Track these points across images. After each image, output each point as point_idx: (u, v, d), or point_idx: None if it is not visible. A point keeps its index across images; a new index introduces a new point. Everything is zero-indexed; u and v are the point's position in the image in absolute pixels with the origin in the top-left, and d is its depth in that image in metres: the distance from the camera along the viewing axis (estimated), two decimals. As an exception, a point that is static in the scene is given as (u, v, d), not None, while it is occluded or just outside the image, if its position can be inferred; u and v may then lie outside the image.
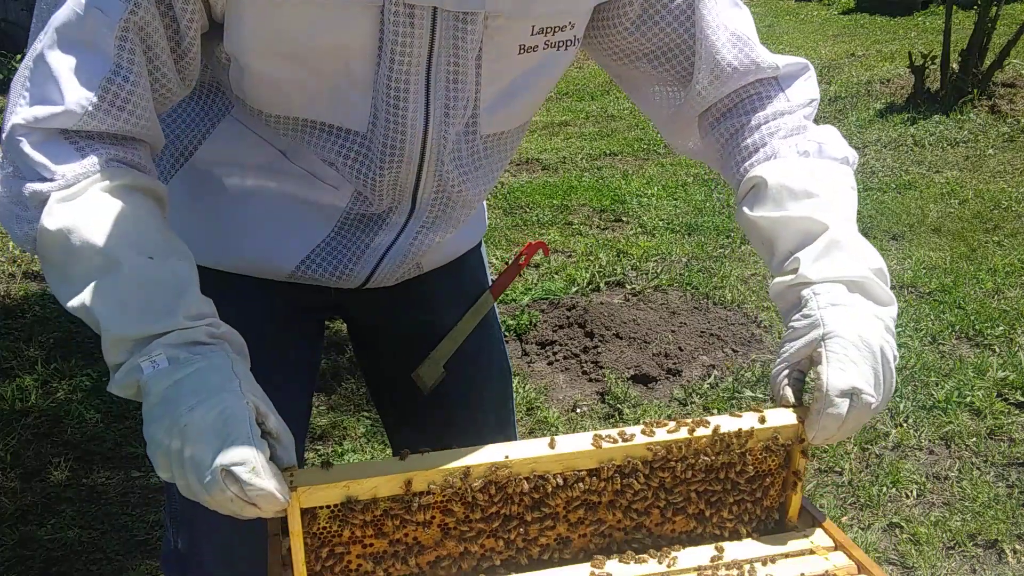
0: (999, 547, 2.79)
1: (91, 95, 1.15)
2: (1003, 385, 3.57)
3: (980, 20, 6.60)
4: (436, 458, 1.17)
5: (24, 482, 3.10)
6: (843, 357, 1.21)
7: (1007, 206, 5.31)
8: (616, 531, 1.26)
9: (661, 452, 1.22)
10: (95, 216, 1.14)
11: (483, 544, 1.21)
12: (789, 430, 1.25)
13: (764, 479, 1.29)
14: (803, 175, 1.34)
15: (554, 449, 1.19)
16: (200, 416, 1.06)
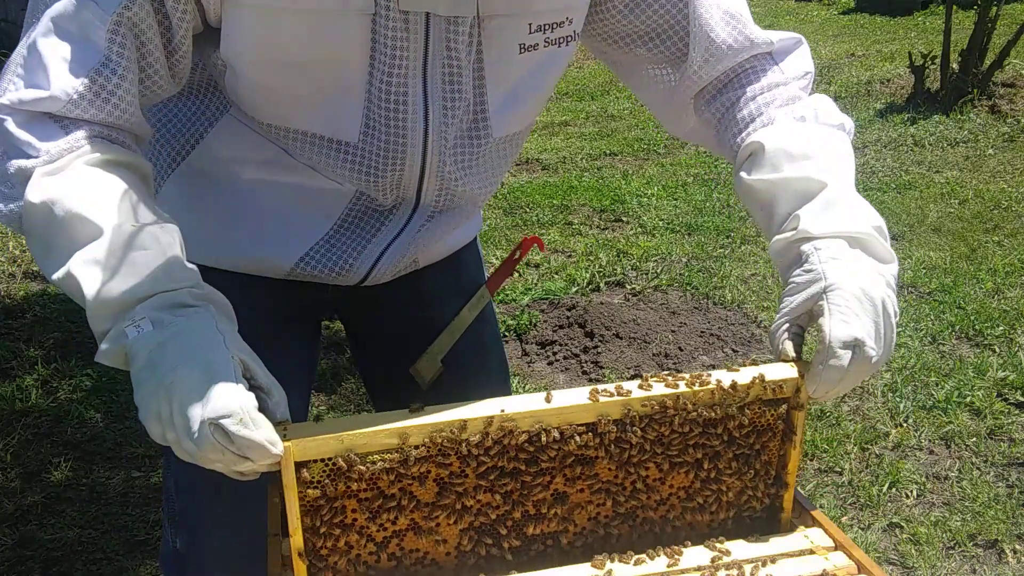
0: (999, 547, 2.79)
1: (78, 84, 1.16)
2: (1003, 385, 3.57)
3: (980, 20, 6.60)
4: (433, 412, 1.16)
5: (24, 482, 3.10)
6: (845, 309, 1.20)
7: (1007, 206, 5.31)
8: (614, 487, 1.24)
9: (658, 406, 1.21)
10: (79, 187, 1.14)
11: (479, 499, 1.20)
12: (789, 384, 1.24)
13: (763, 434, 1.27)
14: (800, 139, 1.34)
15: (551, 403, 1.18)
16: (184, 374, 1.06)
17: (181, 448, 1.07)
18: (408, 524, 1.19)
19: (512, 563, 1.25)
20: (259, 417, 1.06)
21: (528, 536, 1.24)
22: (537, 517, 1.23)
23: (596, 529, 1.27)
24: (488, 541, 1.22)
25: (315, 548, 1.16)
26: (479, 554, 1.23)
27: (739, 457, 1.28)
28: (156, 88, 1.26)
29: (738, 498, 1.31)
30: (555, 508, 1.23)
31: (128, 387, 3.74)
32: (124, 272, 1.12)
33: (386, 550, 1.20)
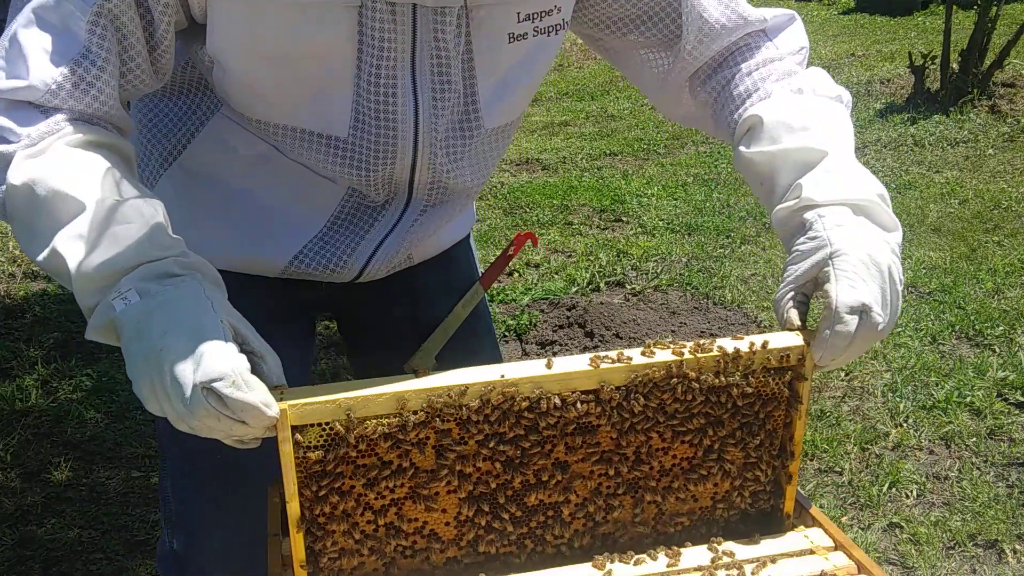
0: (999, 547, 2.79)
1: (56, 74, 1.16)
2: (1003, 385, 3.57)
3: (980, 20, 6.60)
4: (432, 378, 1.14)
5: (25, 482, 3.10)
6: (852, 274, 1.19)
7: (1007, 206, 5.31)
8: (616, 456, 1.22)
9: (661, 372, 1.19)
10: (60, 167, 1.14)
11: (479, 467, 1.18)
12: (794, 351, 1.22)
13: (768, 403, 1.25)
14: (798, 111, 1.34)
15: (552, 369, 1.16)
16: (174, 340, 1.04)
17: (177, 417, 1.05)
18: (407, 492, 1.17)
19: (513, 555, 1.23)
20: (252, 379, 1.04)
21: (529, 507, 1.22)
22: (538, 486, 1.21)
23: (598, 500, 1.24)
24: (487, 510, 1.20)
25: (312, 516, 1.14)
26: (479, 524, 1.20)
27: (743, 427, 1.25)
28: (138, 82, 1.26)
29: (742, 471, 1.28)
30: (556, 477, 1.21)
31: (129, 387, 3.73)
32: (108, 245, 1.11)
33: (384, 519, 1.17)
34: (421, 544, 1.20)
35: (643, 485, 1.25)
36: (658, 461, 1.25)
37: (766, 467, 1.29)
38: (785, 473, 1.30)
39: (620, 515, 1.26)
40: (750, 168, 1.36)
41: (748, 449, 1.27)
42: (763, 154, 1.33)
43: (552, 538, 1.24)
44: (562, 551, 1.26)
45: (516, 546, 1.23)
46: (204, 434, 1.07)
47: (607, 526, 1.26)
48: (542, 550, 1.24)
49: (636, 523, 1.27)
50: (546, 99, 8.23)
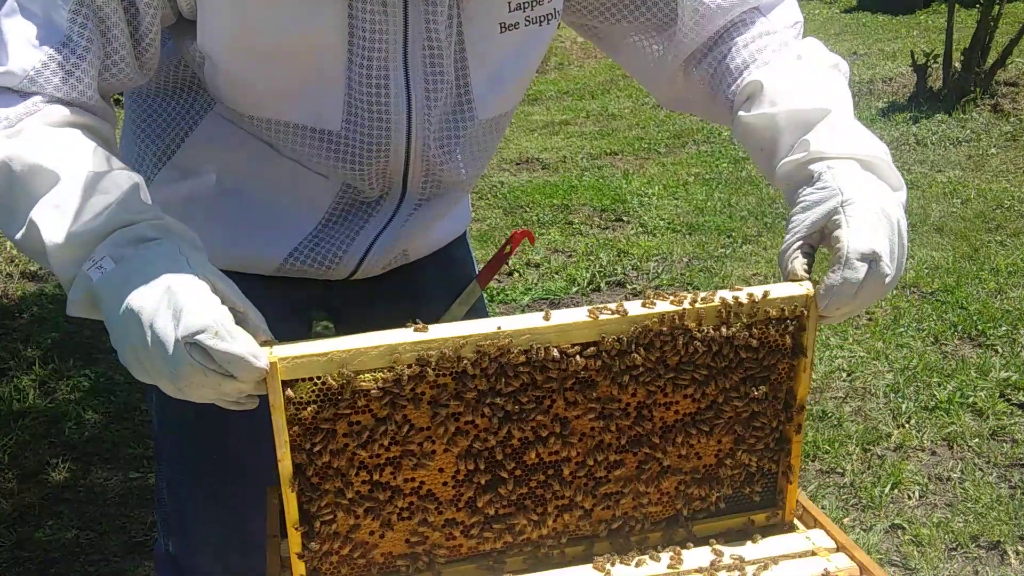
0: (1002, 548, 2.78)
1: (35, 61, 1.16)
2: (1006, 386, 3.56)
3: (983, 19, 6.60)
4: (428, 330, 1.11)
5: (22, 483, 3.09)
6: (864, 222, 1.17)
7: (1010, 206, 5.30)
8: (617, 412, 1.19)
9: (661, 323, 1.15)
10: (37, 143, 1.13)
11: (476, 423, 1.15)
12: (797, 300, 1.20)
13: (771, 355, 1.22)
14: (799, 76, 1.33)
15: (549, 321, 1.13)
16: (150, 297, 1.02)
17: (164, 378, 1.03)
18: (402, 450, 1.14)
19: (513, 517, 1.20)
20: (236, 329, 1.01)
21: (528, 465, 1.19)
22: (537, 442, 1.17)
23: (599, 457, 1.21)
24: (484, 468, 1.17)
25: (305, 476, 1.11)
26: (477, 483, 1.17)
27: (746, 380, 1.23)
28: (122, 76, 1.25)
29: (746, 425, 1.25)
30: (555, 433, 1.18)
31: (127, 388, 3.75)
32: (82, 214, 1.09)
33: (380, 478, 1.14)
34: (419, 505, 1.17)
35: (645, 441, 1.22)
36: (660, 417, 1.21)
37: (771, 421, 1.26)
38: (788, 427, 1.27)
39: (623, 473, 1.23)
40: (751, 134, 1.35)
41: (752, 402, 1.24)
42: (764, 116, 1.32)
43: (553, 497, 1.21)
44: (564, 518, 1.22)
45: (516, 507, 1.20)
46: (196, 396, 1.04)
47: (609, 485, 1.23)
48: (543, 511, 1.21)
49: (639, 482, 1.23)
50: (546, 98, 8.23)
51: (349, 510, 1.14)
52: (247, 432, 1.42)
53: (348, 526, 1.15)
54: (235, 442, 1.49)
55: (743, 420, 1.25)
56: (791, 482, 1.29)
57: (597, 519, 1.24)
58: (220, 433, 1.50)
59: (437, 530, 1.18)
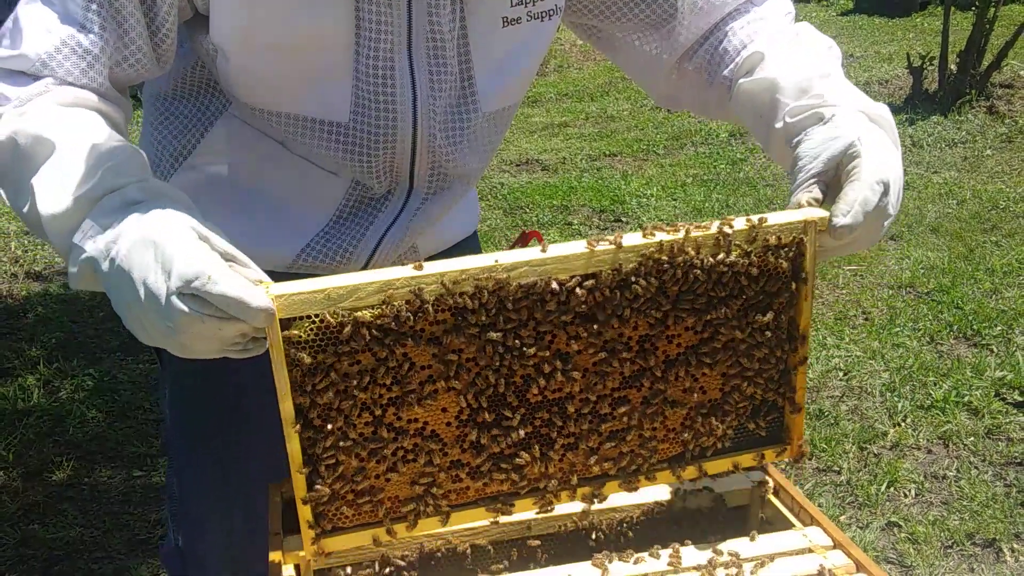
0: (997, 546, 2.80)
1: (48, 46, 1.18)
2: (1001, 385, 3.58)
3: (978, 21, 6.61)
4: (425, 267, 1.09)
5: (26, 481, 3.11)
6: (880, 154, 1.19)
7: (1005, 206, 5.32)
8: (619, 346, 1.18)
9: (660, 251, 1.14)
10: (42, 118, 1.15)
11: (477, 360, 1.13)
12: (796, 226, 1.19)
13: (771, 283, 1.21)
14: (799, 49, 1.36)
15: (547, 253, 1.11)
16: (138, 255, 1.01)
17: (164, 336, 1.01)
18: (404, 390, 1.12)
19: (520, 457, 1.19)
20: (229, 272, 0.99)
21: (532, 403, 1.17)
22: (539, 378, 1.16)
23: (603, 394, 1.20)
24: (487, 406, 1.15)
25: (307, 418, 1.09)
26: (481, 422, 1.16)
27: (748, 309, 1.22)
28: (138, 65, 1.27)
29: (750, 357, 1.24)
30: (558, 368, 1.16)
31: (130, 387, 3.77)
32: (75, 183, 1.09)
33: (384, 421, 1.13)
34: (423, 446, 1.15)
35: (648, 376, 1.21)
36: (663, 350, 1.20)
37: (774, 351, 1.26)
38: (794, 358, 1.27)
39: (627, 409, 1.22)
40: (751, 99, 1.37)
41: (754, 332, 1.23)
42: (765, 80, 1.35)
43: (558, 435, 1.19)
44: (569, 456, 1.21)
45: (521, 446, 1.18)
46: (201, 349, 1.02)
47: (614, 422, 1.22)
48: (548, 450, 1.20)
49: (644, 417, 1.23)
50: (546, 100, 8.24)
51: (352, 452, 1.12)
52: (255, 427, 1.44)
53: (352, 468, 1.13)
54: (243, 436, 1.51)
55: (746, 351, 1.23)
56: (797, 414, 1.28)
57: (604, 457, 1.22)
58: (228, 428, 1.52)
59: (443, 471, 1.17)
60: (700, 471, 1.27)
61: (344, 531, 1.16)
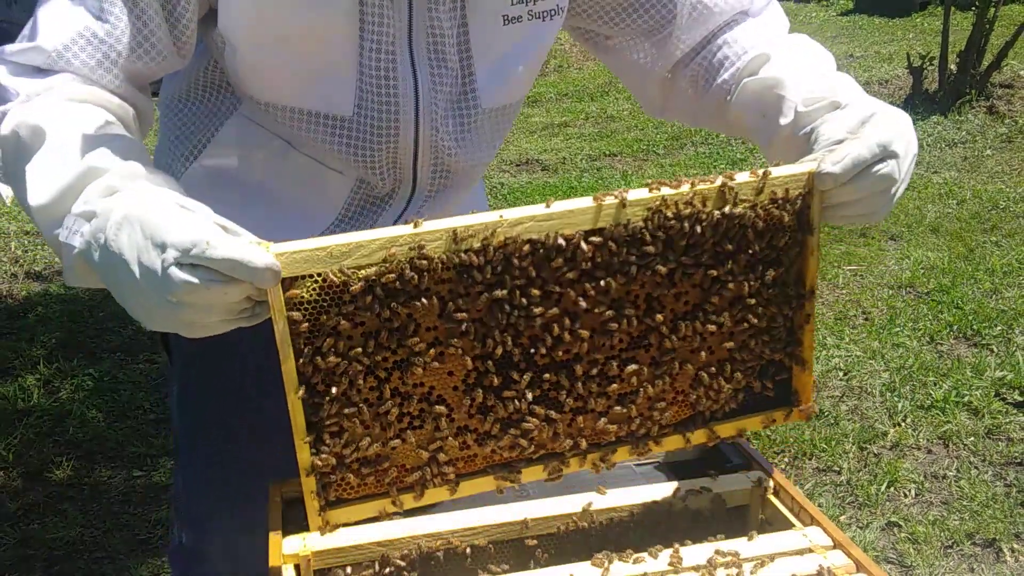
0: (997, 546, 2.80)
1: (64, 37, 1.19)
2: (1001, 385, 3.59)
3: (978, 21, 6.61)
4: (428, 224, 1.07)
5: (27, 481, 3.11)
6: (891, 124, 1.19)
7: (1005, 206, 5.32)
8: (626, 303, 1.17)
9: (665, 205, 1.14)
10: (45, 112, 1.14)
11: (483, 319, 1.11)
12: (802, 178, 1.19)
13: (778, 238, 1.21)
14: (803, 57, 1.37)
15: (551, 208, 1.10)
16: (127, 237, 0.98)
17: (168, 315, 0.98)
18: (409, 352, 1.10)
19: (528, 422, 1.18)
20: (226, 235, 0.97)
21: (540, 365, 1.16)
22: (547, 337, 1.14)
23: (611, 355, 1.19)
24: (494, 369, 1.14)
25: (310, 383, 1.07)
26: (488, 386, 1.14)
27: (754, 264, 1.21)
28: (159, 58, 1.26)
29: (756, 314, 1.24)
30: (565, 327, 1.15)
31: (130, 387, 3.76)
32: (62, 172, 1.08)
33: (389, 384, 1.11)
34: (429, 411, 1.14)
35: (655, 334, 1.20)
36: (670, 308, 1.20)
37: (781, 308, 1.25)
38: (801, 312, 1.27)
39: (635, 370, 1.21)
40: (756, 98, 1.38)
41: (761, 288, 1.23)
42: (771, 79, 1.35)
43: (566, 397, 1.18)
44: (578, 421, 1.20)
45: (529, 411, 1.17)
46: (208, 323, 0.99)
47: (623, 384, 1.21)
48: (557, 414, 1.19)
49: (652, 377, 1.22)
50: (546, 100, 8.24)
51: (357, 417, 1.10)
52: (259, 426, 1.44)
53: (358, 435, 1.11)
54: (248, 435, 1.52)
55: (753, 307, 1.23)
56: (805, 372, 1.28)
57: (612, 420, 1.22)
58: (234, 426, 1.53)
59: (450, 437, 1.15)
60: (709, 434, 1.27)
61: (349, 503, 1.15)
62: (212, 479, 1.56)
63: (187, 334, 1.02)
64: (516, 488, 1.24)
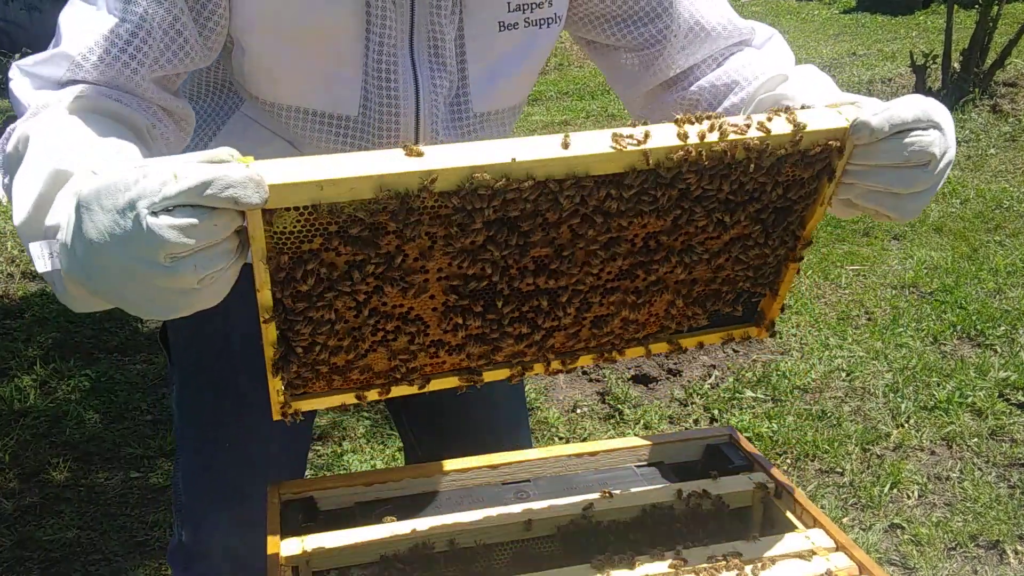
0: (1000, 548, 2.78)
1: (89, 41, 1.16)
2: (1004, 385, 3.57)
3: (981, 19, 6.60)
4: (431, 156, 0.98)
5: (23, 482, 3.10)
6: (939, 108, 1.13)
7: (1008, 206, 5.30)
8: (623, 243, 1.13)
9: (692, 157, 1.05)
10: (42, 125, 1.10)
11: (475, 255, 1.07)
12: (838, 133, 1.11)
13: (793, 191, 1.17)
14: (822, 80, 1.32)
15: (569, 150, 1.01)
16: (89, 222, 0.88)
17: (164, 285, 0.89)
18: (392, 280, 1.05)
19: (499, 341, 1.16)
20: (194, 164, 0.87)
21: (523, 292, 1.12)
22: (534, 272, 1.11)
23: (596, 285, 1.16)
24: (480, 298, 1.10)
25: (284, 306, 1.02)
26: (468, 309, 1.12)
27: (764, 210, 1.17)
28: (188, 59, 1.24)
29: (749, 254, 1.21)
30: (556, 263, 1.11)
31: (127, 388, 3.75)
32: (35, 185, 1.01)
33: (367, 306, 1.07)
34: (404, 328, 1.11)
35: (645, 267, 1.17)
36: (667, 245, 1.16)
37: (775, 250, 1.23)
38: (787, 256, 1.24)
39: (617, 298, 1.19)
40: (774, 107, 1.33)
41: (764, 232, 1.19)
42: (789, 95, 1.31)
43: (544, 321, 1.16)
44: (552, 338, 1.19)
45: (505, 332, 1.15)
46: (214, 288, 0.92)
47: (601, 309, 1.18)
48: (531, 333, 1.17)
49: (633, 306, 1.20)
50: (546, 98, 8.24)
51: (331, 335, 1.06)
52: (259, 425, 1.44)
53: (329, 348, 1.08)
54: (247, 434, 1.52)
55: (749, 247, 1.20)
56: (775, 299, 1.28)
57: (584, 338, 1.20)
58: (233, 425, 1.54)
59: (423, 350, 1.13)
60: (671, 345, 1.27)
61: (314, 396, 1.15)
62: (212, 478, 1.57)
63: (189, 308, 0.93)
64: (479, 386, 1.23)
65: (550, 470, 1.46)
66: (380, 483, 1.40)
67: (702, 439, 1.51)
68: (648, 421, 3.44)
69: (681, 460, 1.49)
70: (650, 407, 3.53)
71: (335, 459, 3.24)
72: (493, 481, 1.44)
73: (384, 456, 3.26)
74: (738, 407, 3.51)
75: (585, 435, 3.40)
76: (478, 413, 1.71)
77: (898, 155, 1.10)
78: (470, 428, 1.69)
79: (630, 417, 3.47)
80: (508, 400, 1.76)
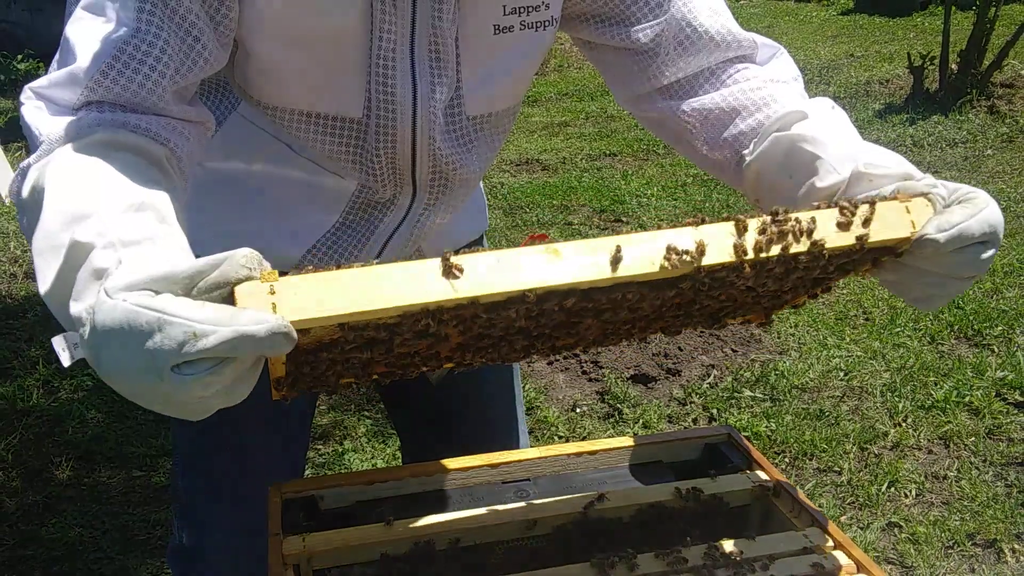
0: (998, 546, 2.80)
1: (107, 56, 1.10)
2: (1001, 385, 3.58)
3: (979, 21, 6.61)
4: (462, 276, 0.93)
5: (26, 481, 3.11)
6: (997, 212, 1.08)
7: (1005, 206, 5.31)
8: (646, 313, 1.11)
9: (745, 267, 1.02)
10: (54, 171, 1.03)
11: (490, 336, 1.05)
12: (901, 242, 1.05)
13: (838, 274, 1.13)
14: (843, 124, 1.28)
15: (618, 271, 0.96)
16: (109, 356, 0.85)
17: (200, 409, 0.90)
18: (398, 358, 1.07)
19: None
20: (215, 311, 0.83)
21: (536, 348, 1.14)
22: (555, 338, 1.11)
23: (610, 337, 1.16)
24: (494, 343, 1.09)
25: (295, 373, 1.04)
26: (482, 347, 1.11)
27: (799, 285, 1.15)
28: (206, 65, 1.21)
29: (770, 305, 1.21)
30: (578, 334, 1.10)
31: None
32: (54, 256, 0.95)
33: (372, 368, 1.09)
34: (409, 358, 1.10)
35: (659, 320, 1.17)
36: (687, 307, 1.14)
37: (796, 294, 1.22)
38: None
39: (615, 339, 1.20)
40: (789, 153, 1.26)
41: (793, 292, 1.18)
42: (809, 137, 1.24)
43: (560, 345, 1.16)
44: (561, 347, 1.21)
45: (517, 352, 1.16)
46: (241, 390, 0.90)
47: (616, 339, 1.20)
48: (540, 349, 1.18)
49: (646, 330, 1.19)
50: (546, 99, 8.24)
51: (343, 372, 1.08)
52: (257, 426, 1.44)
53: (339, 375, 1.09)
54: (246, 435, 1.52)
55: (768, 295, 1.18)
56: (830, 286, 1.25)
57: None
58: (231, 426, 1.52)
59: (421, 357, 1.12)
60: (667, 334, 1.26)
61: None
62: (212, 478, 1.56)
63: (220, 407, 0.92)
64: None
65: (550, 469, 1.46)
66: (381, 482, 1.40)
67: (701, 438, 1.51)
68: (647, 420, 3.45)
69: (680, 459, 1.50)
70: (649, 406, 3.54)
71: (336, 458, 3.25)
72: (493, 480, 1.44)
73: (385, 455, 3.27)
74: (736, 406, 3.53)
75: (584, 434, 3.41)
76: (474, 413, 1.72)
77: (952, 269, 1.07)
78: (467, 427, 1.70)
79: (629, 416, 3.48)
80: (503, 400, 1.77)
